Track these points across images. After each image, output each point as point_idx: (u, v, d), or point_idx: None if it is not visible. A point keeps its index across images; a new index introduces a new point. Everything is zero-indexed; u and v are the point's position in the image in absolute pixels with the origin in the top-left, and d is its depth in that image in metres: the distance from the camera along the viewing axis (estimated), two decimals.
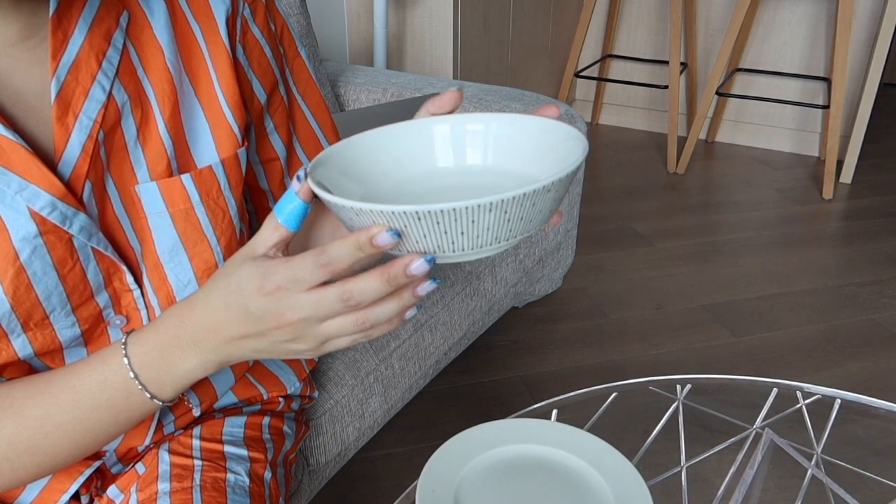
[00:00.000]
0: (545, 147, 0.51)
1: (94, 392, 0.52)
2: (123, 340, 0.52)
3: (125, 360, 0.51)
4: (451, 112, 0.53)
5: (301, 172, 0.46)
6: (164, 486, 0.66)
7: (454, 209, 0.40)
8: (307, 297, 0.44)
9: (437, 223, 0.41)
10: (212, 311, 0.48)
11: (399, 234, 0.42)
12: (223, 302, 0.48)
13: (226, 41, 0.60)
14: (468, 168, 0.54)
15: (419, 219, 0.41)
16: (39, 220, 0.52)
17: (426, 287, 0.45)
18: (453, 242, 0.43)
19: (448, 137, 0.54)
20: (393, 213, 0.41)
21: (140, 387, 0.52)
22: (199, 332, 0.49)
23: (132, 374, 0.51)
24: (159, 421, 0.68)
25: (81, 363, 0.54)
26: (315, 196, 0.46)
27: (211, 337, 0.49)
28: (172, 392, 0.53)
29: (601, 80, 3.07)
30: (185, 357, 0.51)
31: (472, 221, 0.41)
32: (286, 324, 0.45)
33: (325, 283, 0.45)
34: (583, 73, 3.07)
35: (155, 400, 0.53)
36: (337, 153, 0.51)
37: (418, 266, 0.43)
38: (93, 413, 0.53)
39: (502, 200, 0.40)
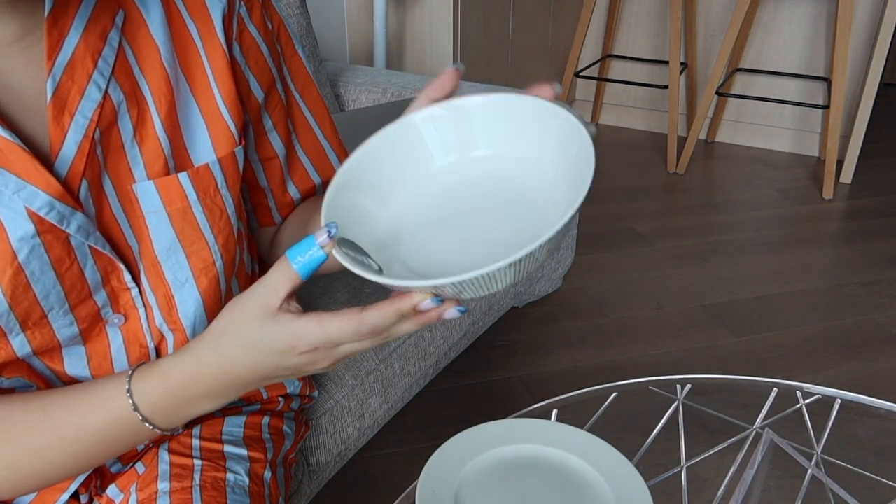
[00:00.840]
0: (542, 130, 0.51)
1: (100, 429, 0.54)
2: (127, 387, 0.53)
3: (132, 406, 0.53)
4: (452, 92, 0.53)
5: (333, 228, 0.45)
6: (163, 485, 0.66)
7: (490, 272, 0.41)
8: (342, 348, 0.48)
9: (473, 284, 0.43)
10: (228, 365, 0.50)
11: (441, 300, 0.45)
12: (243, 360, 0.50)
13: (222, 40, 0.60)
14: (474, 158, 0.54)
15: (462, 285, 0.43)
16: (37, 220, 0.52)
17: (453, 313, 0.47)
18: (482, 288, 0.44)
19: (443, 129, 0.53)
20: (436, 286, 0.43)
21: (151, 427, 0.54)
22: (216, 386, 0.52)
23: (141, 418, 0.53)
24: None
25: (82, 400, 0.54)
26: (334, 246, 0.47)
27: (232, 387, 0.52)
28: (181, 423, 0.55)
29: (601, 80, 3.07)
30: (199, 404, 0.53)
31: (504, 273, 0.43)
32: (312, 361, 0.49)
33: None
34: (583, 73, 3.07)
35: (164, 431, 0.55)
36: (352, 171, 0.52)
37: (451, 314, 0.46)
38: (96, 447, 0.55)
39: (530, 253, 0.42)
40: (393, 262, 0.49)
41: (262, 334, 0.48)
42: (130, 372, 0.54)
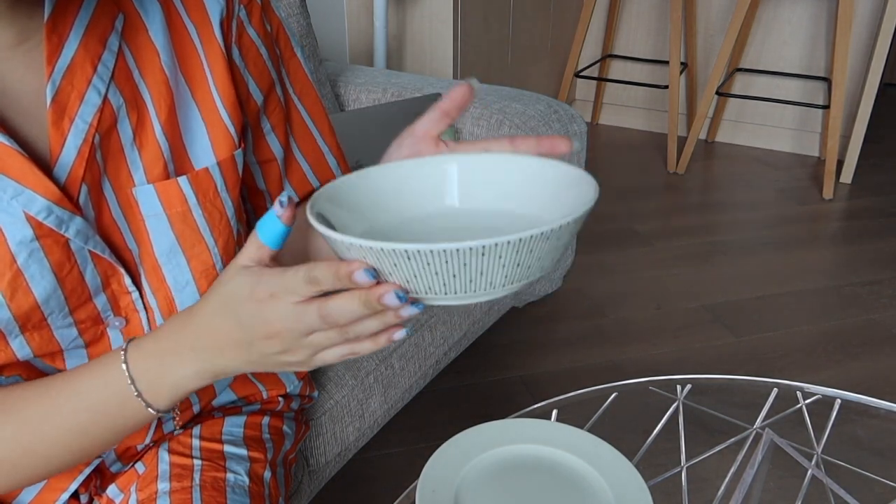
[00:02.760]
0: (557, 190, 0.50)
1: (93, 397, 0.53)
2: (124, 347, 0.53)
3: (124, 366, 0.52)
4: (465, 107, 0.53)
5: (284, 197, 0.46)
6: (163, 485, 0.66)
7: (444, 250, 0.39)
8: (292, 308, 0.45)
9: (427, 264, 0.40)
10: (209, 317, 0.49)
11: (375, 275, 0.43)
12: (219, 308, 0.48)
13: (220, 42, 0.60)
14: (478, 210, 0.53)
15: (409, 258, 0.40)
16: (35, 225, 0.52)
17: (409, 311, 0.45)
18: (445, 284, 0.42)
19: (456, 176, 0.53)
20: (382, 249, 0.40)
21: (136, 393, 0.52)
22: (197, 340, 0.50)
23: (129, 381, 0.52)
24: (159, 419, 0.68)
25: (83, 367, 0.54)
26: (297, 220, 0.46)
27: (207, 344, 0.50)
28: (168, 401, 0.53)
29: (601, 80, 3.07)
30: (182, 364, 0.51)
31: (464, 265, 0.40)
32: (273, 333, 0.46)
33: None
34: (583, 73, 3.07)
35: (150, 409, 0.53)
36: (342, 187, 0.51)
37: (390, 298, 0.43)
38: (89, 417, 0.53)
39: (495, 245, 0.39)
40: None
41: (234, 282, 0.47)
42: (130, 338, 0.54)
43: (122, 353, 0.52)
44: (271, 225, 0.47)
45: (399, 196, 0.53)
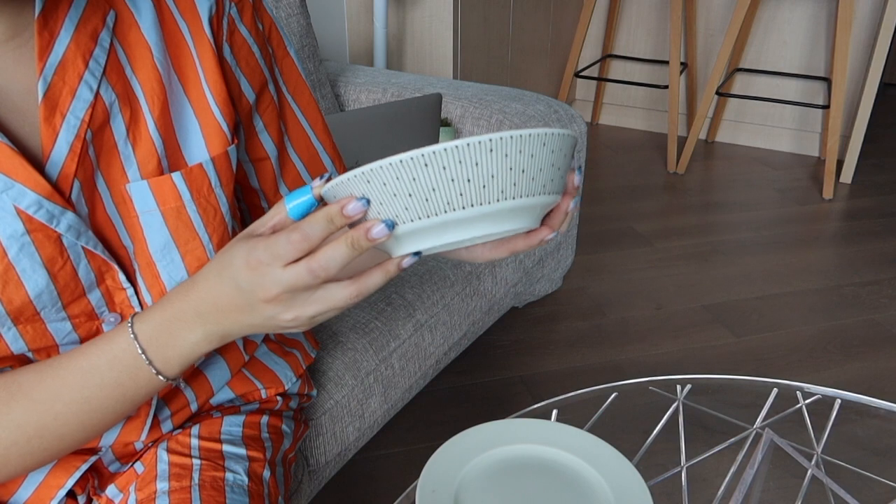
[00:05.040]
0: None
1: (103, 371, 0.53)
2: (130, 321, 0.53)
3: (132, 336, 0.52)
4: None
5: (326, 175, 0.48)
6: (162, 485, 0.66)
7: (457, 147, 0.39)
8: (283, 272, 0.46)
9: (414, 178, 0.40)
10: (211, 283, 0.50)
11: (368, 202, 0.43)
12: (219, 275, 0.49)
13: (210, 39, 0.60)
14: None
15: (425, 164, 0.40)
16: (26, 219, 0.52)
17: (379, 230, 0.44)
18: (460, 193, 0.41)
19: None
20: (371, 169, 0.41)
21: (147, 362, 0.52)
22: (202, 304, 0.51)
23: (140, 350, 0.52)
24: (155, 416, 0.68)
25: (89, 344, 0.54)
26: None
27: (212, 308, 0.50)
28: (178, 367, 0.54)
29: (601, 80, 3.07)
30: (190, 329, 0.52)
31: (476, 164, 0.39)
32: (272, 297, 0.47)
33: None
34: (583, 73, 3.07)
35: (160, 376, 0.53)
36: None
37: (379, 231, 0.43)
38: (101, 391, 0.53)
39: (500, 139, 0.39)
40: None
41: (232, 251, 0.48)
42: (134, 313, 0.54)
43: (129, 325, 0.53)
44: (302, 195, 0.48)
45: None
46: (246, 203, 0.73)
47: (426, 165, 0.40)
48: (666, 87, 2.81)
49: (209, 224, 0.62)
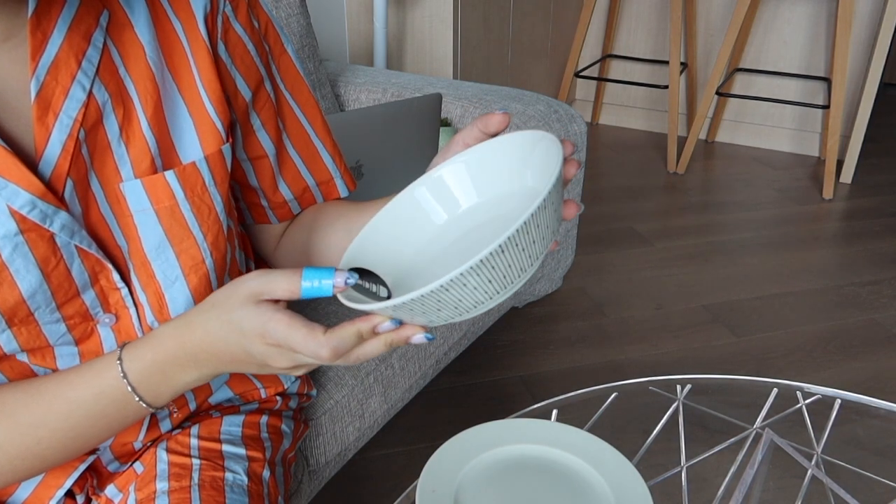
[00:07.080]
0: (524, 157, 0.52)
1: (90, 403, 0.54)
2: (118, 355, 0.54)
3: (121, 374, 0.54)
4: (497, 133, 0.54)
5: (351, 280, 0.48)
6: (162, 485, 0.66)
7: (441, 285, 0.41)
8: (304, 357, 0.49)
9: (463, 285, 0.43)
10: (212, 339, 0.52)
11: (400, 322, 0.47)
12: (224, 336, 0.51)
13: (205, 37, 0.60)
14: (466, 213, 0.55)
15: (411, 308, 0.44)
16: (19, 219, 0.52)
17: (419, 339, 0.49)
18: (486, 294, 0.44)
19: (431, 197, 0.56)
20: (393, 306, 0.44)
21: (137, 398, 0.54)
22: (199, 354, 0.53)
23: (129, 388, 0.54)
24: (153, 416, 0.68)
25: (74, 374, 0.55)
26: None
27: (211, 358, 0.53)
28: (169, 399, 0.56)
29: (601, 80, 3.07)
30: (185, 371, 0.54)
31: (464, 285, 0.42)
32: (284, 367, 0.51)
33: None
34: (583, 73, 3.07)
35: (150, 407, 0.56)
36: (356, 257, 0.53)
37: (418, 339, 0.48)
38: (87, 420, 0.55)
39: (470, 267, 0.41)
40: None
41: (241, 314, 0.50)
42: (123, 344, 0.55)
43: (118, 362, 0.54)
44: (321, 280, 0.48)
45: (396, 238, 0.55)
46: (245, 202, 0.72)
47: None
48: (666, 87, 2.81)
49: (203, 223, 0.62)
